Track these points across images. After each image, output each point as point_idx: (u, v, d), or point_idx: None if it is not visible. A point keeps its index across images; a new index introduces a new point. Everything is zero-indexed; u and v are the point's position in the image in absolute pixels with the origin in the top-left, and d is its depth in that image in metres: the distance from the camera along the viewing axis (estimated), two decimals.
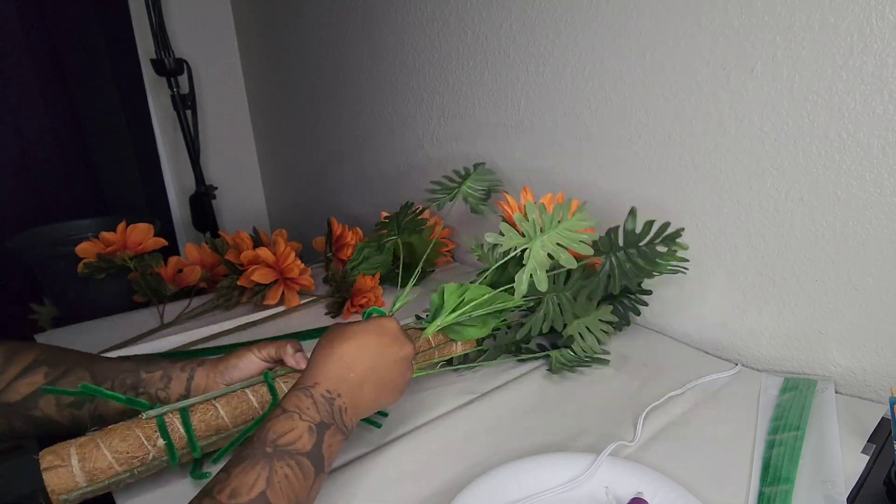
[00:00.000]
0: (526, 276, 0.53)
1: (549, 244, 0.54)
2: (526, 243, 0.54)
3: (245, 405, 0.48)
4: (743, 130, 0.61)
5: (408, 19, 1.01)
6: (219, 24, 1.55)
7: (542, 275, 0.52)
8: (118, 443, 0.42)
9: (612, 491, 0.43)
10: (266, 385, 0.49)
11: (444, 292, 0.57)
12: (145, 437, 0.43)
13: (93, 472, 0.40)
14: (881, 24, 0.49)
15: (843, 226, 0.56)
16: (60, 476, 0.40)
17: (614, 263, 0.59)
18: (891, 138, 0.51)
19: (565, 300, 0.60)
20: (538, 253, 0.53)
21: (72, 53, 1.35)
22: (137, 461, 0.42)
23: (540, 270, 0.52)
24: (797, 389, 0.58)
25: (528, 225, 0.54)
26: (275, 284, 0.82)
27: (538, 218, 0.55)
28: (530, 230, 0.54)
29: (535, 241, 0.54)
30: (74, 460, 0.40)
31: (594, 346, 0.63)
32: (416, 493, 0.45)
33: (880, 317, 0.56)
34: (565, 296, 0.60)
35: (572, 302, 0.61)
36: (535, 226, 0.55)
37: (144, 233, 0.89)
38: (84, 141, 1.43)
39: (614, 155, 0.75)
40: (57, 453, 0.40)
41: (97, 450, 0.41)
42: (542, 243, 0.54)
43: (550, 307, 0.60)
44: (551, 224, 0.55)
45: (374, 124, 1.20)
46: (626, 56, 0.70)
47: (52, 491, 0.39)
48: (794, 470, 0.45)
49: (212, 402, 0.47)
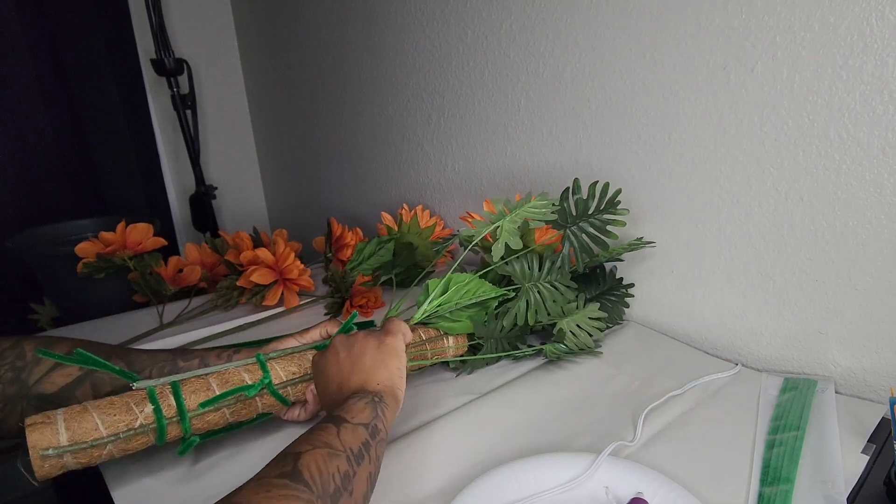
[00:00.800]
0: (501, 244, 0.59)
1: (517, 220, 0.60)
2: (497, 220, 0.60)
3: (239, 382, 0.48)
4: (743, 130, 0.61)
5: (408, 19, 1.01)
6: (219, 24, 1.55)
7: (515, 238, 0.59)
8: (106, 406, 0.42)
9: (612, 491, 0.43)
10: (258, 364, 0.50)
11: (429, 287, 0.60)
12: (134, 403, 0.43)
13: (77, 433, 0.40)
14: (881, 24, 0.49)
15: (843, 226, 0.56)
16: (42, 433, 0.39)
17: (572, 237, 0.65)
18: (891, 138, 0.51)
19: (544, 288, 0.64)
20: (508, 226, 0.59)
21: (72, 53, 1.35)
22: (123, 425, 0.42)
23: (512, 236, 0.59)
24: (797, 389, 0.58)
25: (499, 212, 0.62)
26: (274, 285, 0.82)
27: (504, 207, 0.62)
28: (500, 214, 0.61)
29: (504, 220, 0.60)
30: (60, 419, 0.40)
31: (587, 341, 0.65)
32: (416, 493, 0.45)
33: (880, 317, 0.56)
34: (542, 284, 0.64)
35: (550, 289, 0.64)
36: (503, 213, 0.62)
37: (144, 233, 0.89)
38: (84, 141, 1.43)
39: (614, 155, 0.75)
40: (44, 414, 0.40)
41: (84, 412, 0.41)
42: (511, 219, 0.60)
43: (531, 295, 0.63)
44: (517, 207, 0.62)
45: (374, 124, 1.20)
46: (626, 56, 0.70)
47: (33, 447, 0.38)
48: (794, 470, 0.45)
49: (205, 379, 0.47)
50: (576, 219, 0.64)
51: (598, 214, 0.64)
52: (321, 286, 0.91)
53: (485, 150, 0.95)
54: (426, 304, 0.59)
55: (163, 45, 1.24)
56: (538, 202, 0.62)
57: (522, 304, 0.62)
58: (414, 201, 1.14)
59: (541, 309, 0.63)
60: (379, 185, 1.25)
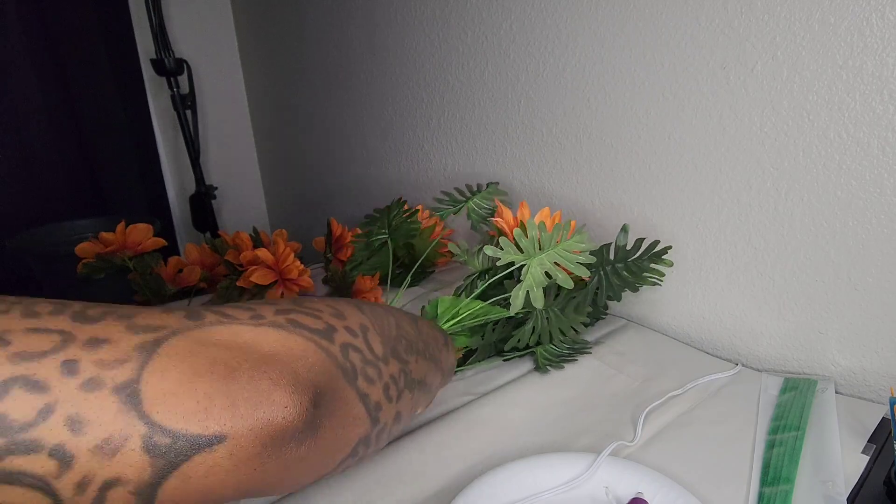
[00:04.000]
0: (522, 293, 0.53)
1: (547, 263, 0.54)
2: (525, 259, 0.54)
3: None
4: (743, 130, 0.61)
5: (408, 19, 1.01)
6: (219, 24, 1.55)
7: (539, 292, 0.53)
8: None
9: (612, 491, 0.43)
10: None
11: (438, 305, 0.57)
12: None
13: None
14: (881, 24, 0.49)
15: (843, 226, 0.56)
16: None
17: (603, 277, 0.62)
18: (891, 138, 0.51)
19: (553, 314, 0.61)
20: (536, 271, 0.53)
21: (72, 53, 1.35)
22: None
23: (537, 288, 0.53)
24: (797, 389, 0.58)
25: (527, 242, 0.55)
26: (274, 285, 0.82)
27: (538, 236, 0.55)
28: (530, 247, 0.55)
29: (534, 258, 0.54)
30: None
31: (574, 337, 0.64)
32: (416, 494, 0.45)
33: (880, 317, 0.56)
34: (554, 311, 0.61)
35: (559, 316, 0.61)
36: (535, 243, 0.55)
37: (144, 233, 0.89)
38: (84, 141, 1.43)
39: (614, 155, 0.75)
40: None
41: None
42: (541, 261, 0.54)
43: (540, 321, 0.60)
44: (550, 243, 0.55)
45: (373, 124, 1.20)
46: (626, 56, 0.70)
47: None
48: (794, 470, 0.45)
49: None
50: (613, 262, 0.62)
51: (638, 260, 0.61)
52: (321, 286, 0.91)
53: (485, 151, 0.95)
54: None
55: (163, 45, 1.24)
56: (573, 242, 0.56)
57: (528, 328, 0.60)
58: (414, 201, 1.14)
59: (545, 333, 0.61)
60: (379, 185, 1.25)
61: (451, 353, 0.40)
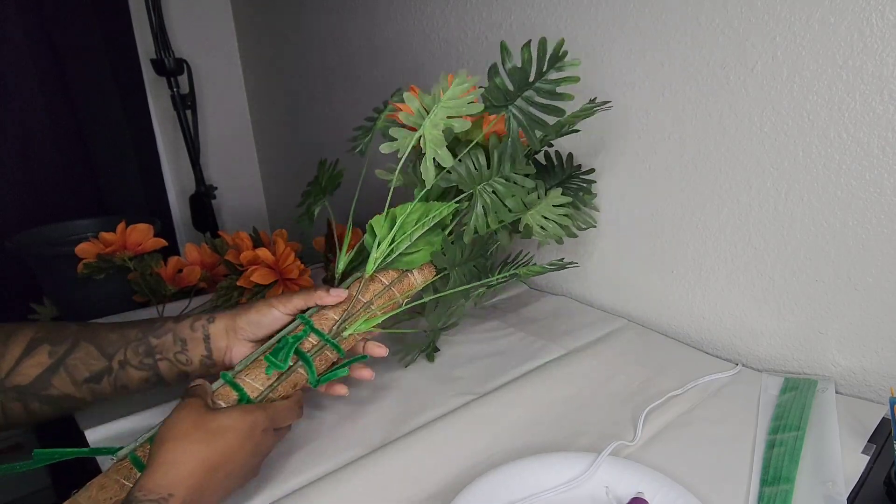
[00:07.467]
0: (429, 161, 0.50)
1: (439, 121, 0.51)
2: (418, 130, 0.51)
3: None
4: (743, 130, 0.61)
5: (408, 19, 1.01)
6: (219, 24, 1.55)
7: (444, 152, 0.50)
8: (97, 492, 0.40)
9: (612, 491, 0.43)
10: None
11: (373, 227, 0.54)
12: (123, 477, 0.41)
13: None
14: (881, 24, 0.49)
15: (843, 226, 0.56)
16: None
17: (517, 115, 0.53)
18: (891, 138, 0.51)
19: (498, 185, 0.56)
20: (431, 133, 0.50)
21: (72, 53, 1.35)
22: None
23: (440, 149, 0.50)
24: (797, 389, 0.58)
25: (413, 117, 0.52)
26: (274, 285, 0.82)
27: (420, 105, 0.52)
28: (417, 119, 0.51)
29: (425, 123, 0.51)
30: None
31: (557, 231, 0.59)
32: (416, 494, 0.45)
33: (880, 317, 0.56)
34: (496, 181, 0.56)
35: (503, 182, 0.56)
36: (421, 112, 0.52)
37: (144, 233, 0.89)
38: (84, 141, 1.43)
39: (614, 155, 0.74)
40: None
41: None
42: (433, 122, 0.51)
43: (485, 197, 0.55)
44: (434, 102, 0.51)
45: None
46: (626, 55, 0.70)
47: None
48: (794, 470, 0.45)
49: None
50: (515, 93, 0.52)
51: (541, 79, 0.52)
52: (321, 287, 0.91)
53: None
54: (375, 250, 0.52)
55: (163, 45, 1.24)
56: (455, 88, 0.51)
57: (479, 210, 0.54)
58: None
59: (500, 209, 0.55)
60: (379, 186, 1.25)
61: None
